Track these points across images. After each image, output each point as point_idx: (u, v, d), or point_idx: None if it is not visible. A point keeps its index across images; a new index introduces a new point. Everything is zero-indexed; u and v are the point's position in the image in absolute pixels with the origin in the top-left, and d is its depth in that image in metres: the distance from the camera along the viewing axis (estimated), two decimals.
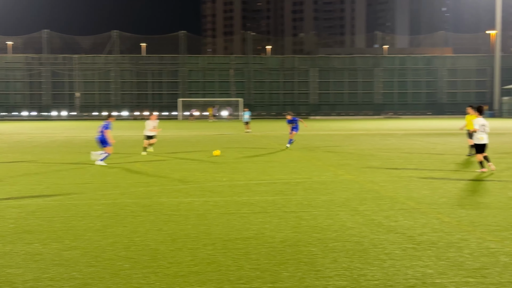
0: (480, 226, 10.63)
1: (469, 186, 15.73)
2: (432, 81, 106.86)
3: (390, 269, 8.00)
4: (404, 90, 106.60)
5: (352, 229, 10.47)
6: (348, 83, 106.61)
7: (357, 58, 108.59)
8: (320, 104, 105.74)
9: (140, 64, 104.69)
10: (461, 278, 7.58)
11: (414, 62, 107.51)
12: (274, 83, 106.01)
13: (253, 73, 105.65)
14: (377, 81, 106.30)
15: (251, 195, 14.41)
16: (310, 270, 7.98)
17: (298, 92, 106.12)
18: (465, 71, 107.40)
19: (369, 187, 15.73)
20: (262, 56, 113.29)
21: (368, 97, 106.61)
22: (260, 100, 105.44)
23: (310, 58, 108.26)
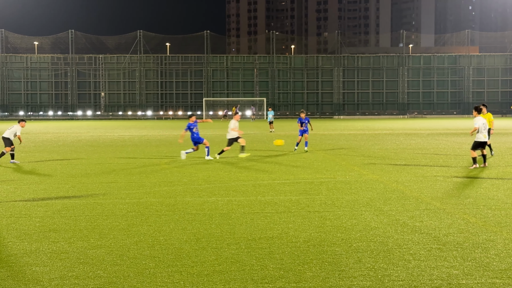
0: (507, 227, 10.51)
1: (495, 186, 15.56)
2: (457, 80, 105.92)
3: (415, 269, 7.94)
4: (429, 90, 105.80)
5: (377, 229, 10.41)
6: (373, 82, 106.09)
7: (381, 57, 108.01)
8: (345, 104, 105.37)
9: (164, 64, 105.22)
10: (487, 279, 7.50)
11: (439, 61, 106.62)
12: (298, 83, 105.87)
13: (277, 72, 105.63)
14: (402, 80, 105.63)
15: (275, 194, 14.40)
16: (334, 270, 7.95)
17: (322, 92, 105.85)
18: (492, 70, 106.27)
19: (393, 187, 15.63)
20: (286, 56, 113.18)
21: (392, 96, 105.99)
22: (284, 99, 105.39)
23: (334, 58, 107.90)
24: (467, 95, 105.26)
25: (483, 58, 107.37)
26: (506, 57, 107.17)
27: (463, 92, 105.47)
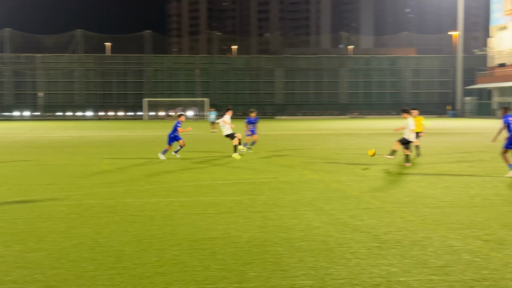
0: (443, 225, 10.78)
1: (432, 185, 15.93)
2: (396, 81, 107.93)
3: (356, 268, 8.06)
4: (369, 90, 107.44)
5: (318, 228, 10.52)
6: (314, 83, 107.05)
7: (322, 58, 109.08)
8: (286, 104, 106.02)
9: (104, 64, 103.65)
10: (425, 276, 7.67)
11: (379, 62, 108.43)
12: (240, 83, 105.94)
13: (219, 73, 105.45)
14: (343, 81, 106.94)
15: (217, 195, 14.39)
16: (276, 269, 7.99)
17: (264, 92, 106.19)
18: (429, 71, 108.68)
19: (334, 186, 15.83)
20: (228, 56, 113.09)
21: (333, 97, 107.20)
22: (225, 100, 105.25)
23: (276, 58, 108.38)
24: (405, 95, 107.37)
25: (420, 60, 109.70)
26: (442, 59, 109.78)
27: (402, 92, 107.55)
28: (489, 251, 8.84)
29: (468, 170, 19.49)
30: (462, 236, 9.83)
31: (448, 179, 17.18)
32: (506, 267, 8.01)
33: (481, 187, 15.55)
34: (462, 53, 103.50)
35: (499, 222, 10.97)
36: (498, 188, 15.37)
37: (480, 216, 11.55)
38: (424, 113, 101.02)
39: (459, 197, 13.84)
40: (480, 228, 10.47)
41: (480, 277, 7.61)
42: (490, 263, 8.21)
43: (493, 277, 7.58)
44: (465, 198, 13.76)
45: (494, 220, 11.11)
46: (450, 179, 17.17)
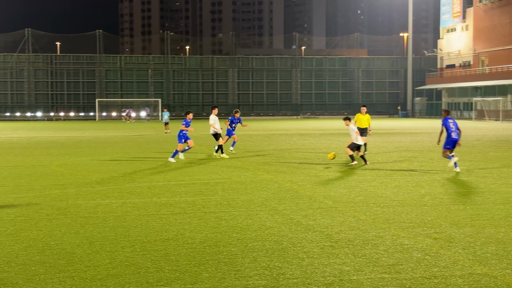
0: (395, 223, 10.93)
1: (383, 185, 16.16)
2: (348, 82, 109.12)
3: (309, 267, 8.11)
4: (322, 91, 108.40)
5: (271, 228, 10.55)
6: (267, 83, 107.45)
7: (275, 59, 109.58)
8: (239, 104, 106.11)
9: (55, 64, 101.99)
10: (376, 275, 7.76)
11: (331, 63, 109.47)
12: (193, 83, 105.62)
13: (172, 73, 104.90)
14: (295, 81, 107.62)
15: (170, 196, 14.30)
16: (230, 270, 7.99)
17: (217, 93, 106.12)
18: (380, 72, 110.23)
19: (288, 186, 15.90)
20: (180, 56, 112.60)
21: (286, 97, 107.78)
22: (179, 100, 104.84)
23: (229, 59, 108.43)
24: (357, 96, 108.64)
25: (371, 61, 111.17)
26: (392, 60, 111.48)
27: (354, 93, 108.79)
28: (439, 249, 9.00)
29: (418, 170, 19.82)
30: (413, 235, 9.99)
31: (399, 179, 17.44)
32: (455, 265, 8.17)
33: (430, 186, 15.84)
34: (412, 54, 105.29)
35: (448, 220, 11.18)
36: (447, 187, 15.68)
37: (430, 214, 11.76)
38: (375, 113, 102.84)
39: (409, 196, 14.07)
40: (430, 226, 10.66)
41: (430, 274, 7.74)
42: (439, 261, 8.36)
43: (443, 275, 7.72)
44: (415, 197, 13.99)
45: (443, 219, 11.32)
46: (401, 179, 17.44)
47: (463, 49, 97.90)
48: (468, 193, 14.52)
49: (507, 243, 9.32)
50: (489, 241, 9.47)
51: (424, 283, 7.38)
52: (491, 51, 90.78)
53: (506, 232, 10.11)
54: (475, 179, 17.14)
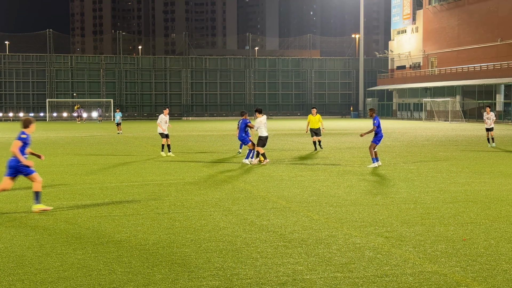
0: (347, 223, 11.06)
1: (336, 184, 16.32)
2: (301, 83, 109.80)
3: (262, 267, 8.13)
4: (275, 91, 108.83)
5: (225, 229, 10.55)
6: (220, 84, 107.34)
7: (229, 59, 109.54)
8: (193, 105, 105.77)
9: (3, 63, 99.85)
10: (329, 274, 7.84)
11: (284, 64, 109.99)
12: (146, 84, 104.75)
13: (124, 73, 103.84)
14: (249, 82, 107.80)
15: (123, 197, 14.17)
16: (183, 271, 7.96)
17: (170, 93, 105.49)
18: (332, 73, 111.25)
19: (241, 186, 15.92)
20: (133, 56, 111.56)
21: (240, 98, 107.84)
22: (131, 100, 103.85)
23: (182, 59, 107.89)
24: (310, 97, 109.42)
25: (324, 62, 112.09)
26: (344, 61, 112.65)
27: (306, 94, 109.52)
28: (390, 248, 9.14)
29: (370, 170, 20.08)
30: (365, 234, 10.12)
31: (351, 178, 17.64)
32: (406, 263, 8.31)
33: (382, 185, 16.07)
34: (364, 56, 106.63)
35: (399, 219, 11.36)
36: (398, 186, 15.93)
37: (381, 213, 11.93)
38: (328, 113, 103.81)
39: (361, 196, 14.25)
40: (382, 225, 10.81)
41: (381, 273, 7.85)
42: (391, 259, 8.49)
43: (394, 273, 7.84)
44: (367, 196, 14.18)
45: (394, 218, 11.50)
46: (353, 178, 17.64)
47: (413, 50, 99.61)
48: (418, 192, 14.78)
49: (456, 241, 9.53)
50: (438, 240, 9.66)
51: (375, 282, 7.48)
52: (440, 52, 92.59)
53: (455, 231, 10.33)
54: (425, 179, 17.46)
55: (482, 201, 13.37)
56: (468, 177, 17.98)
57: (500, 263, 8.28)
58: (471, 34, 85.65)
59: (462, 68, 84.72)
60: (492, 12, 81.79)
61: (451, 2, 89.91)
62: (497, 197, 14.00)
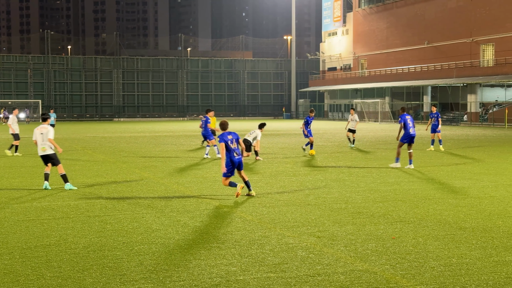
0: (280, 223, 11.13)
1: (269, 185, 16.40)
2: (233, 84, 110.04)
3: (196, 269, 8.09)
4: (208, 92, 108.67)
5: (158, 231, 10.45)
6: (153, 84, 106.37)
7: (161, 60, 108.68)
8: (125, 106, 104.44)
9: None
10: (262, 274, 7.86)
11: (217, 65, 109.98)
12: (76, 84, 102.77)
13: (53, 73, 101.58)
14: (181, 83, 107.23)
15: (52, 200, 13.84)
16: (115, 274, 7.83)
17: (101, 94, 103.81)
18: (264, 74, 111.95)
19: (175, 188, 15.81)
20: (62, 56, 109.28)
21: (172, 99, 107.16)
22: (61, 101, 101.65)
23: (113, 59, 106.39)
24: (243, 98, 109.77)
25: (256, 63, 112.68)
26: (277, 62, 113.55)
27: (239, 95, 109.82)
28: (322, 247, 9.25)
29: (302, 170, 20.28)
30: (297, 234, 10.20)
31: (284, 179, 17.77)
32: (337, 262, 8.42)
33: (314, 186, 16.25)
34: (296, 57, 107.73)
35: (331, 219, 11.51)
36: (330, 186, 16.14)
37: (313, 213, 12.06)
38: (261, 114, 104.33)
39: (294, 196, 14.37)
40: (314, 225, 10.93)
41: (314, 272, 7.94)
42: (323, 259, 8.59)
43: (326, 272, 7.94)
44: (300, 196, 14.31)
45: (326, 217, 11.64)
46: (286, 179, 17.78)
47: (343, 52, 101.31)
48: (349, 192, 15.01)
49: (386, 240, 9.72)
50: (369, 238, 9.84)
51: (308, 281, 7.55)
52: (370, 54, 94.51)
53: (384, 229, 10.54)
54: (356, 178, 17.76)
55: (410, 200, 13.70)
56: (397, 176, 18.39)
57: (428, 260, 8.50)
58: (399, 37, 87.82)
59: (391, 70, 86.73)
60: (419, 16, 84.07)
61: (380, 5, 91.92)
62: (424, 196, 14.37)
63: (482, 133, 47.89)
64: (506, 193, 14.76)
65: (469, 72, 72.75)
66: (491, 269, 8.05)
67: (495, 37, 71.74)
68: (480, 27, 73.63)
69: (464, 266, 8.20)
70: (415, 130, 20.90)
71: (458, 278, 7.65)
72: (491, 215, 11.82)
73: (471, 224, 11.00)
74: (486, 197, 14.10)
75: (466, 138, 40.01)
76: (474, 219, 11.43)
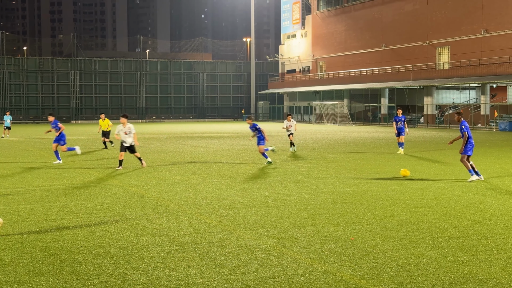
0: (240, 225, 11.13)
1: (228, 187, 16.39)
2: (193, 86, 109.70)
3: (155, 272, 8.04)
4: (167, 94, 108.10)
5: (116, 234, 10.35)
6: (111, 86, 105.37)
7: (119, 62, 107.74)
8: (82, 108, 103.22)
9: None
10: (222, 276, 7.85)
11: (176, 66, 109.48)
12: (32, 86, 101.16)
13: (8, 75, 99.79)
14: (140, 85, 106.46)
15: (7, 203, 13.58)
16: (72, 278, 7.73)
17: (58, 96, 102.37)
18: (224, 76, 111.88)
19: (133, 191, 15.68)
20: (18, 57, 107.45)
21: (131, 101, 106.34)
22: (16, 103, 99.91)
23: (70, 61, 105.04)
24: (202, 100, 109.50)
25: (216, 65, 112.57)
26: (236, 64, 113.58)
27: (199, 97, 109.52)
28: (282, 249, 9.28)
29: (262, 172, 20.32)
30: (257, 236, 10.22)
31: (243, 181, 17.78)
32: (297, 264, 8.45)
33: (274, 187, 16.29)
34: (255, 59, 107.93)
35: (290, 220, 11.56)
36: (289, 188, 16.20)
37: (273, 215, 12.09)
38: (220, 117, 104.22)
39: (254, 198, 14.38)
40: (274, 227, 10.96)
41: (273, 274, 7.95)
42: (282, 260, 8.62)
43: (285, 274, 7.97)
44: (259, 198, 14.33)
45: (286, 219, 11.68)
46: (245, 181, 17.78)
47: (302, 55, 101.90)
48: (308, 194, 15.10)
49: (344, 241, 9.80)
50: (328, 240, 9.90)
51: (268, 283, 7.57)
52: (328, 57, 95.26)
53: (343, 231, 10.62)
54: (315, 180, 17.86)
55: (368, 201, 13.84)
56: (355, 178, 18.56)
57: (386, 261, 8.59)
58: (358, 39, 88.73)
59: (350, 72, 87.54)
60: (376, 19, 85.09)
61: (338, 8, 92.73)
62: (382, 197, 14.54)
63: (439, 134, 48.71)
64: (461, 194, 15.03)
65: (425, 74, 73.96)
66: (448, 268, 8.19)
67: (450, 40, 73.07)
68: (436, 31, 74.92)
69: (421, 266, 8.32)
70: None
71: (415, 278, 7.75)
72: (447, 216, 12.02)
73: (428, 224, 11.17)
74: (442, 198, 14.34)
75: (423, 140, 40.67)
76: (431, 220, 11.61)
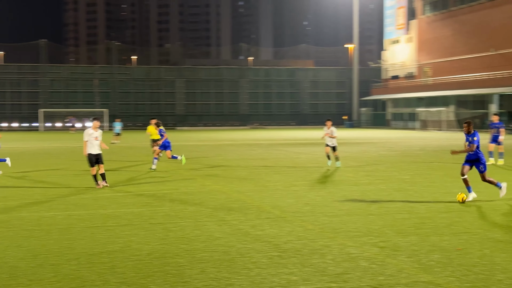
0: (342, 233, 11.03)
1: (331, 194, 16.29)
2: (295, 92, 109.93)
3: (257, 277, 8.10)
4: (269, 101, 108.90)
5: (220, 239, 10.52)
6: (215, 93, 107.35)
7: (223, 69, 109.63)
8: (187, 115, 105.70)
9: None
10: (324, 284, 7.81)
11: (278, 73, 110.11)
12: (140, 94, 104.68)
13: (118, 83, 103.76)
14: (243, 92, 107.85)
15: (116, 207, 14.11)
16: (177, 281, 7.92)
17: (164, 103, 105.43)
18: (326, 83, 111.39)
19: (235, 197, 15.89)
20: (127, 66, 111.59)
21: (234, 107, 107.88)
22: (125, 110, 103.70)
23: (176, 69, 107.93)
24: (304, 106, 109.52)
25: (318, 72, 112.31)
26: (338, 71, 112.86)
27: (300, 103, 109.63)
28: (385, 258, 9.12)
29: (364, 179, 20.07)
30: (359, 244, 10.10)
31: (346, 188, 17.63)
32: (400, 273, 8.29)
33: (376, 195, 16.05)
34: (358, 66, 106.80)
35: (394, 229, 11.35)
36: (393, 196, 15.92)
37: (376, 223, 11.91)
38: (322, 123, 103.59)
39: (356, 205, 14.23)
40: (376, 235, 10.79)
41: (376, 283, 7.83)
42: (385, 269, 8.47)
43: (389, 283, 7.82)
44: (362, 206, 14.15)
45: (389, 227, 11.48)
46: (347, 188, 17.62)
47: (407, 60, 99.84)
48: (412, 202, 14.77)
49: (450, 251, 9.51)
50: (433, 249, 9.64)
51: None
52: (434, 62, 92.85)
53: (449, 240, 10.32)
54: (419, 188, 17.46)
55: (476, 211, 13.36)
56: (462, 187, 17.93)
57: (495, 273, 8.26)
58: (464, 44, 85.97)
59: (456, 78, 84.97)
60: (484, 23, 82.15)
61: (445, 12, 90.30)
62: (491, 206, 13.96)
63: None
64: None
65: None
66: None
67: None
68: None
69: None
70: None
71: None
72: None
73: None
74: None
75: None
76: None
